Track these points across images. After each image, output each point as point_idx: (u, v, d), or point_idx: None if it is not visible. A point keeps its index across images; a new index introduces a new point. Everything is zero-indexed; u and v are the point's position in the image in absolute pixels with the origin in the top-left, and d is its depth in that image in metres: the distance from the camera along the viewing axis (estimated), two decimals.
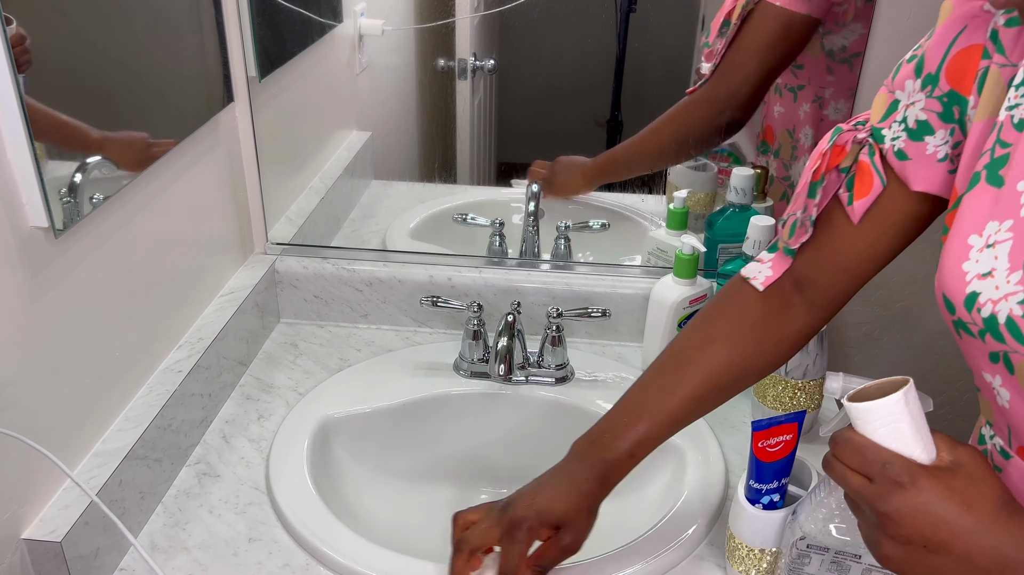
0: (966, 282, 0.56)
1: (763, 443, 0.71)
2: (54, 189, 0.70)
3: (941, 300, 0.59)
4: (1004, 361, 0.54)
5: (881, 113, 0.66)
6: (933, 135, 0.63)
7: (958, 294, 0.56)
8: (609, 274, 1.15)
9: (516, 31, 1.19)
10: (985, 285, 0.54)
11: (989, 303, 0.54)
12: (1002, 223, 0.54)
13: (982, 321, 0.54)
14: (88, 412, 0.80)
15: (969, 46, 0.59)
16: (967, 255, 0.56)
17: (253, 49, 1.04)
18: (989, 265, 0.54)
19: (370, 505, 0.95)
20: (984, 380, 0.58)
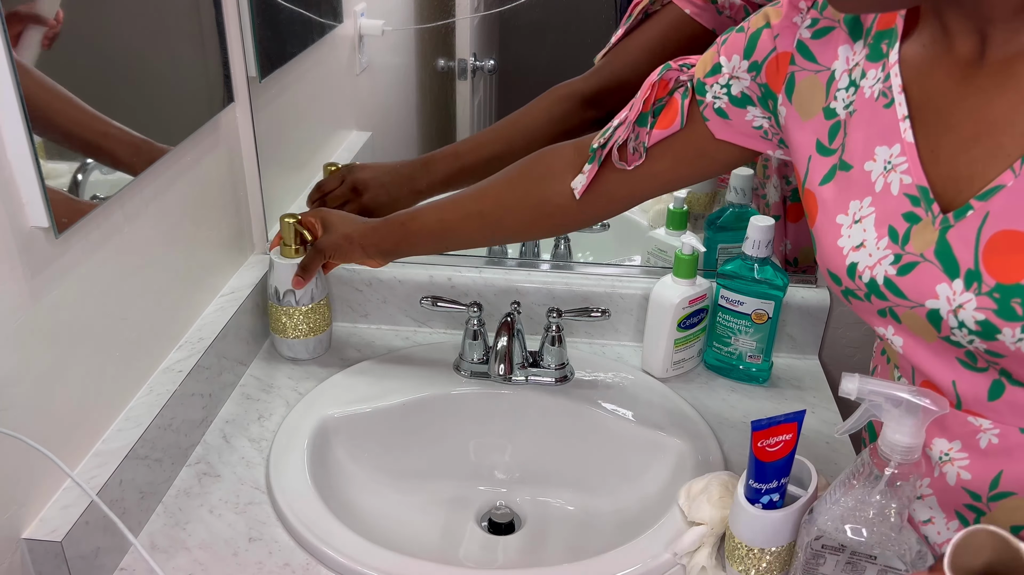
0: (844, 255, 0.64)
1: (763, 443, 0.72)
2: (55, 189, 0.70)
3: (827, 275, 0.68)
4: (891, 314, 0.63)
5: (706, 70, 0.76)
6: (755, 107, 0.74)
7: (840, 267, 0.65)
8: (609, 274, 1.15)
9: (516, 31, 1.19)
10: (860, 255, 0.63)
11: (867, 270, 0.63)
12: (862, 200, 0.64)
13: (865, 285, 0.63)
14: (88, 412, 0.80)
15: (781, 52, 0.69)
16: (840, 233, 0.65)
17: (253, 49, 1.04)
18: (860, 238, 0.63)
19: (370, 505, 0.95)
20: (879, 332, 0.67)
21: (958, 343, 0.60)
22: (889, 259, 0.61)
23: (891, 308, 0.63)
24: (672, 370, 1.08)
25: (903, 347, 0.65)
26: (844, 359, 1.16)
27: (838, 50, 0.66)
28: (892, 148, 0.62)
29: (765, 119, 0.74)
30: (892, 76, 0.62)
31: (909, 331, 0.63)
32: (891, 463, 0.63)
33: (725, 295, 1.05)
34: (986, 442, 0.63)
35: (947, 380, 0.64)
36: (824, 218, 0.67)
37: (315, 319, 1.08)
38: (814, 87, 0.68)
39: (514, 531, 0.98)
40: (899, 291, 0.61)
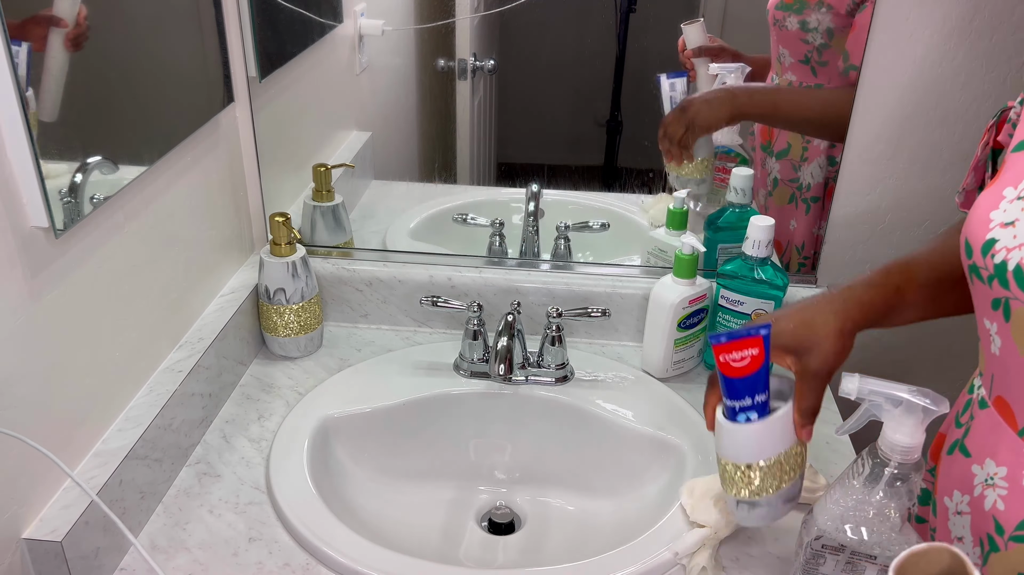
0: (988, 228, 0.58)
1: (725, 357, 0.66)
2: (54, 189, 0.70)
3: (963, 244, 0.61)
4: (1004, 308, 0.57)
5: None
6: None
7: (978, 239, 0.59)
8: (609, 274, 1.15)
9: (516, 31, 1.19)
10: (1005, 233, 0.57)
11: (1004, 250, 0.56)
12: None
13: (993, 267, 0.57)
14: (88, 412, 0.80)
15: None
16: (997, 204, 0.58)
17: (253, 49, 1.04)
18: (1014, 215, 0.57)
19: (370, 505, 0.95)
20: (984, 327, 0.61)
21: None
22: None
23: (1008, 300, 0.57)
24: (672, 370, 1.08)
25: (1000, 349, 0.60)
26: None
27: None
28: None
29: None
30: None
31: (1011, 335, 0.58)
32: (891, 463, 0.63)
33: (725, 295, 1.05)
34: None
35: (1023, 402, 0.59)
36: (996, 185, 0.61)
37: (306, 317, 1.08)
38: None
39: (514, 531, 0.98)
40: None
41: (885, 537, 0.64)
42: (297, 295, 1.07)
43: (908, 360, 1.17)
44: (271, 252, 1.05)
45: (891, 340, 1.16)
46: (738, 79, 1.08)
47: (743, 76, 1.08)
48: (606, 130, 1.26)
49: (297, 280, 1.06)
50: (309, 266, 1.08)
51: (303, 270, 1.07)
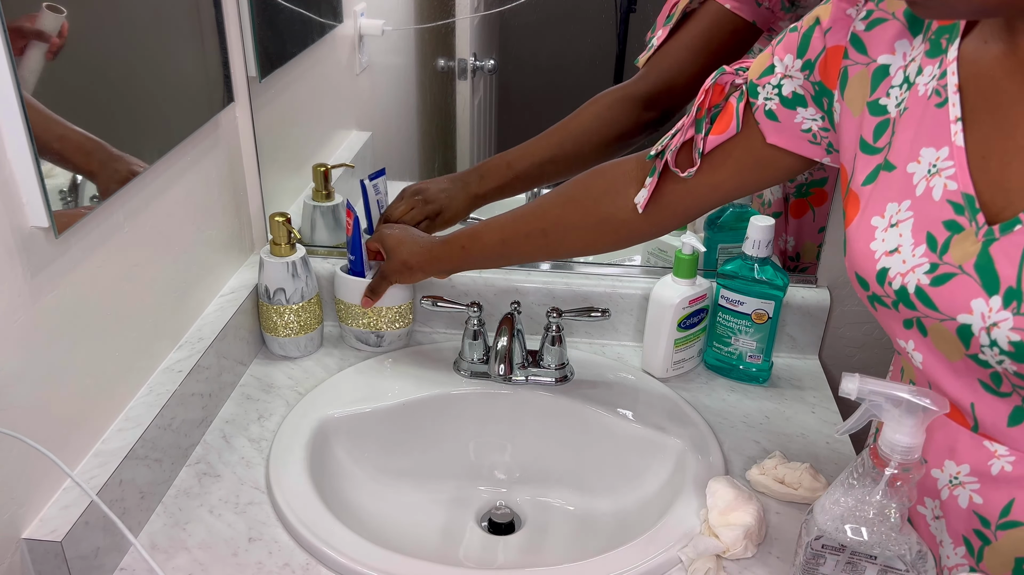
0: (875, 260, 0.61)
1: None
2: (54, 189, 0.70)
3: (854, 279, 0.64)
4: (917, 326, 0.60)
5: (759, 71, 0.73)
6: (805, 108, 0.71)
7: (869, 271, 0.62)
8: (609, 274, 1.15)
9: (516, 31, 1.19)
10: (893, 261, 0.60)
11: (898, 276, 0.59)
12: (900, 203, 0.60)
13: (894, 293, 0.60)
14: (88, 412, 0.80)
15: (835, 46, 0.67)
16: (873, 235, 0.62)
17: (253, 49, 1.04)
18: (895, 243, 0.60)
19: (370, 505, 0.95)
20: (900, 346, 0.64)
21: (985, 363, 0.57)
22: (924, 267, 0.58)
23: (919, 319, 0.60)
24: (672, 370, 1.08)
25: (923, 363, 0.62)
26: (844, 359, 1.16)
27: (894, 44, 0.63)
28: (940, 151, 0.58)
29: (815, 121, 0.71)
30: (949, 74, 0.58)
31: (932, 346, 0.60)
32: (891, 463, 0.63)
33: (725, 295, 1.05)
34: (998, 469, 0.61)
35: (966, 402, 0.61)
36: (860, 219, 0.63)
37: (306, 317, 1.08)
38: (862, 81, 0.65)
39: (514, 531, 0.98)
40: (930, 302, 0.58)
41: (885, 537, 0.64)
42: (297, 295, 1.07)
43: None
44: (271, 252, 1.06)
45: (890, 341, 1.16)
46: None
47: None
48: None
49: (297, 280, 1.06)
50: (309, 266, 1.08)
51: (303, 270, 1.07)
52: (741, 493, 0.84)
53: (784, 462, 0.91)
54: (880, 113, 0.64)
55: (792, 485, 0.88)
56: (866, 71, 0.65)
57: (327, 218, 1.18)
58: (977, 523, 0.64)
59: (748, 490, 0.86)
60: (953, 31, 0.59)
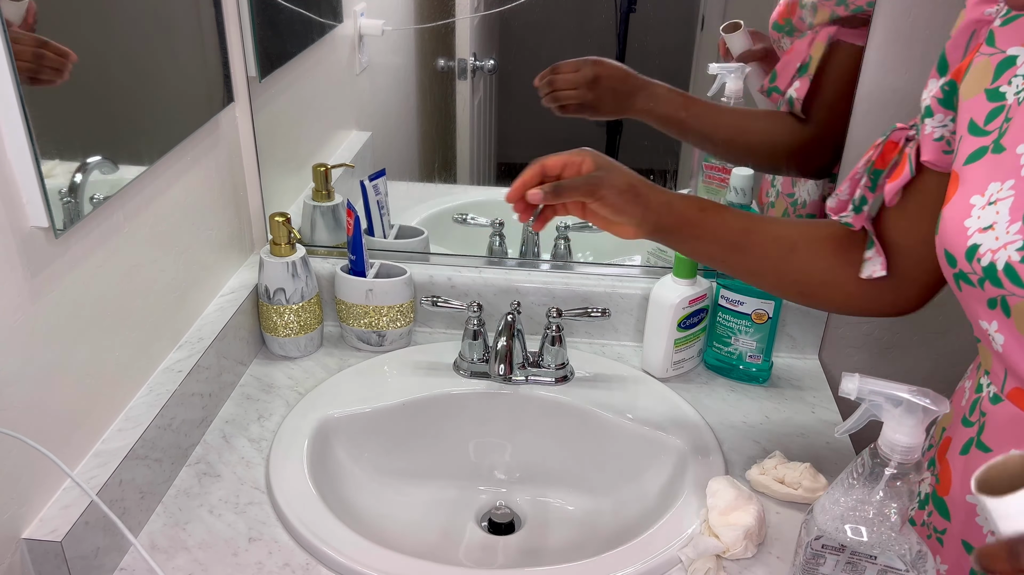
0: (967, 236, 0.61)
1: None
2: (54, 189, 0.70)
3: (942, 255, 0.64)
4: (1002, 305, 0.60)
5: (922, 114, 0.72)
6: (932, 118, 0.70)
7: (959, 247, 0.62)
8: (609, 274, 1.15)
9: (516, 31, 1.19)
10: (985, 237, 0.60)
11: (988, 253, 0.59)
12: (1004, 183, 0.60)
13: (981, 270, 0.60)
14: (88, 412, 0.80)
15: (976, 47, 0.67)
16: (969, 213, 0.62)
17: (253, 49, 1.04)
18: (990, 220, 0.60)
19: (370, 505, 0.95)
20: (981, 328, 0.63)
21: None
22: (1017, 244, 0.58)
23: (1004, 297, 0.59)
24: (672, 370, 1.08)
25: (1003, 346, 0.62)
26: (844, 359, 1.16)
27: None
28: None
29: (945, 127, 0.70)
30: None
31: (1014, 327, 0.60)
32: (891, 463, 0.63)
33: (725, 295, 1.05)
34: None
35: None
36: (959, 197, 0.63)
37: (306, 317, 1.08)
38: (984, 69, 0.65)
39: (514, 531, 0.98)
40: (1018, 279, 0.58)
41: (885, 537, 0.64)
42: (297, 295, 1.07)
43: (908, 360, 1.17)
44: (271, 252, 1.06)
45: (891, 340, 1.16)
46: (738, 80, 1.08)
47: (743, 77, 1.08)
48: (606, 130, 1.26)
49: (297, 280, 1.06)
50: (309, 266, 1.08)
51: (303, 270, 1.07)
52: (741, 493, 0.84)
53: (784, 462, 0.91)
54: (997, 99, 0.64)
55: (792, 485, 0.88)
56: (989, 61, 0.65)
57: (327, 218, 1.18)
58: None
59: (748, 490, 0.86)
60: None
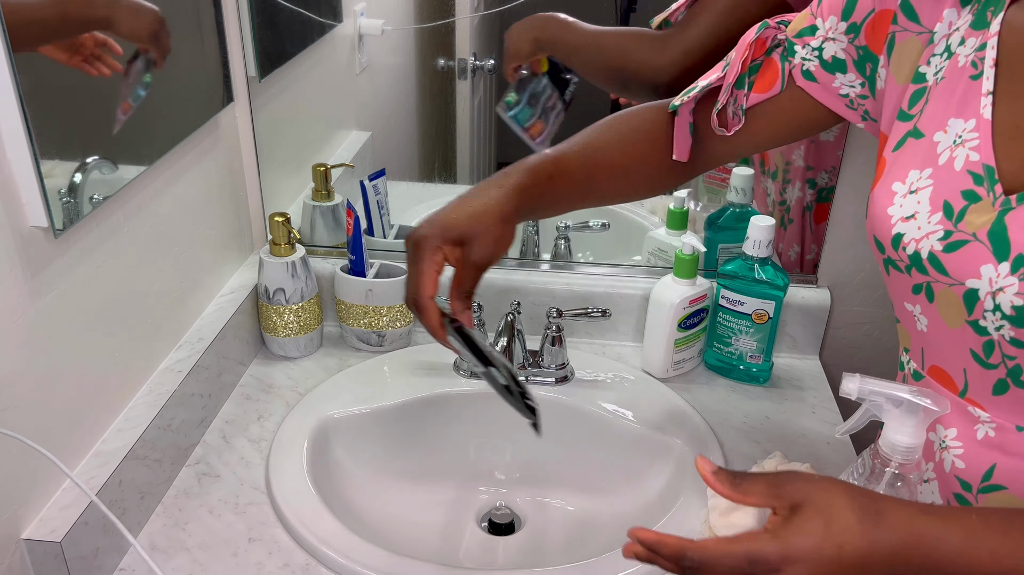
0: (891, 224, 0.63)
1: None
2: (54, 189, 0.70)
3: (872, 241, 0.66)
4: (926, 291, 0.63)
5: (797, 29, 0.74)
6: (845, 74, 0.71)
7: (886, 235, 0.64)
8: (609, 274, 1.15)
9: None
10: (908, 227, 0.62)
11: (913, 242, 0.62)
12: (923, 171, 0.62)
13: (907, 257, 0.62)
14: (88, 412, 0.80)
15: (883, 10, 0.67)
16: (892, 201, 0.64)
17: (253, 49, 1.04)
18: (912, 209, 0.62)
19: (370, 505, 0.95)
20: (905, 310, 0.66)
21: (983, 330, 0.60)
22: (938, 234, 0.60)
23: (928, 284, 0.62)
24: (672, 370, 1.08)
25: (927, 327, 0.65)
26: (844, 359, 1.16)
27: (943, 12, 0.64)
28: (967, 122, 0.60)
29: (852, 87, 0.72)
30: (988, 47, 0.60)
31: (936, 312, 0.63)
32: (892, 463, 0.63)
33: (725, 295, 1.05)
34: (983, 434, 0.63)
35: (959, 368, 0.64)
36: (882, 184, 0.65)
37: (305, 317, 1.08)
38: (912, 49, 0.66)
39: (514, 532, 0.98)
40: (942, 267, 0.60)
41: None
42: (297, 295, 1.07)
43: None
44: (271, 252, 1.05)
45: (891, 341, 1.16)
46: None
47: None
48: None
49: (296, 280, 1.06)
50: (309, 266, 1.08)
51: (303, 270, 1.06)
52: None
53: (784, 462, 0.91)
54: (919, 80, 0.65)
55: None
56: (917, 40, 0.65)
57: (327, 218, 1.18)
58: (959, 487, 0.66)
59: None
60: (998, 4, 0.60)
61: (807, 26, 0.72)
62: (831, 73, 0.72)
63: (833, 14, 0.70)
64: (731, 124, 0.77)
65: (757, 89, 0.76)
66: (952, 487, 0.66)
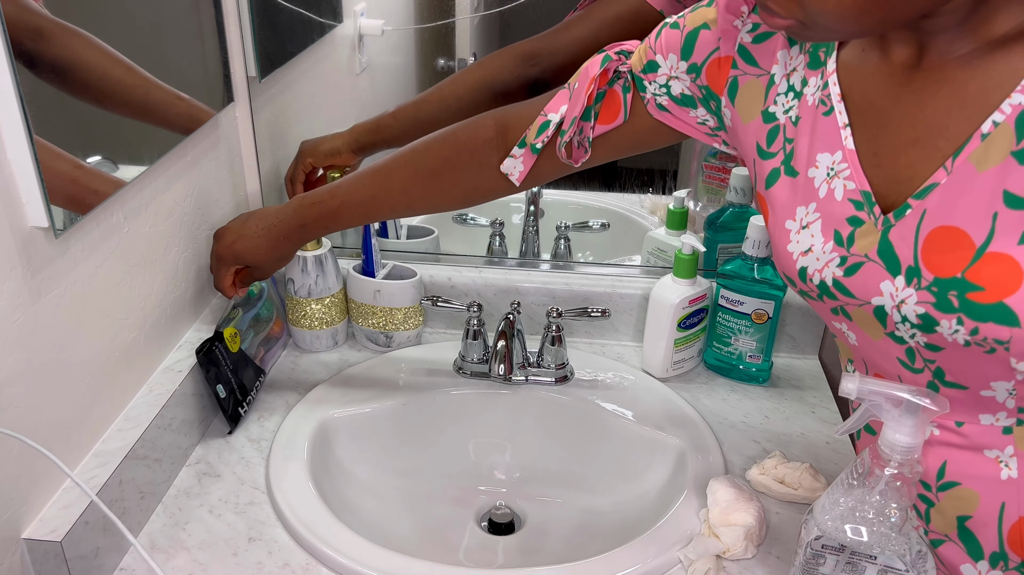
0: (794, 261, 0.67)
1: None
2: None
3: (784, 277, 0.70)
4: (843, 312, 0.66)
5: (641, 66, 0.77)
6: (696, 109, 0.75)
7: (792, 271, 0.68)
8: (609, 274, 1.15)
9: (516, 31, 1.19)
10: (808, 260, 0.66)
11: (816, 272, 0.65)
12: (808, 206, 0.66)
13: (816, 287, 0.66)
14: (88, 412, 0.80)
15: (721, 57, 0.71)
16: (788, 238, 0.68)
17: (253, 49, 1.04)
18: (808, 243, 0.66)
19: (370, 505, 0.95)
20: (835, 327, 0.69)
21: (901, 339, 0.62)
22: (836, 261, 0.64)
23: (842, 307, 0.65)
24: (672, 370, 1.08)
25: (857, 340, 0.68)
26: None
27: (777, 55, 0.68)
28: (834, 155, 0.64)
29: (707, 121, 0.75)
30: (831, 84, 0.64)
31: (860, 328, 0.66)
32: (891, 463, 0.63)
33: (725, 295, 1.05)
34: (928, 433, 0.65)
35: (894, 375, 0.66)
36: (774, 222, 0.69)
37: (312, 312, 1.09)
38: (755, 91, 0.70)
39: (514, 531, 0.98)
40: (847, 290, 0.64)
41: (885, 537, 0.64)
42: (304, 290, 1.07)
43: None
44: None
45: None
46: None
47: None
48: None
49: (306, 276, 1.07)
50: (325, 266, 1.07)
51: (315, 268, 1.06)
52: (742, 493, 0.84)
53: (784, 462, 0.91)
54: (770, 120, 0.69)
55: (792, 485, 0.88)
56: (759, 82, 0.69)
57: None
58: (920, 488, 0.68)
59: (749, 490, 0.86)
60: (829, 45, 0.65)
61: (648, 61, 0.75)
62: (683, 107, 0.76)
63: (672, 52, 0.74)
64: (577, 155, 0.80)
65: (602, 121, 0.79)
66: (918, 488, 0.68)
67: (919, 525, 0.69)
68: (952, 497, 0.66)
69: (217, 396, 0.94)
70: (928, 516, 0.69)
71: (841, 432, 0.67)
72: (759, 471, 0.90)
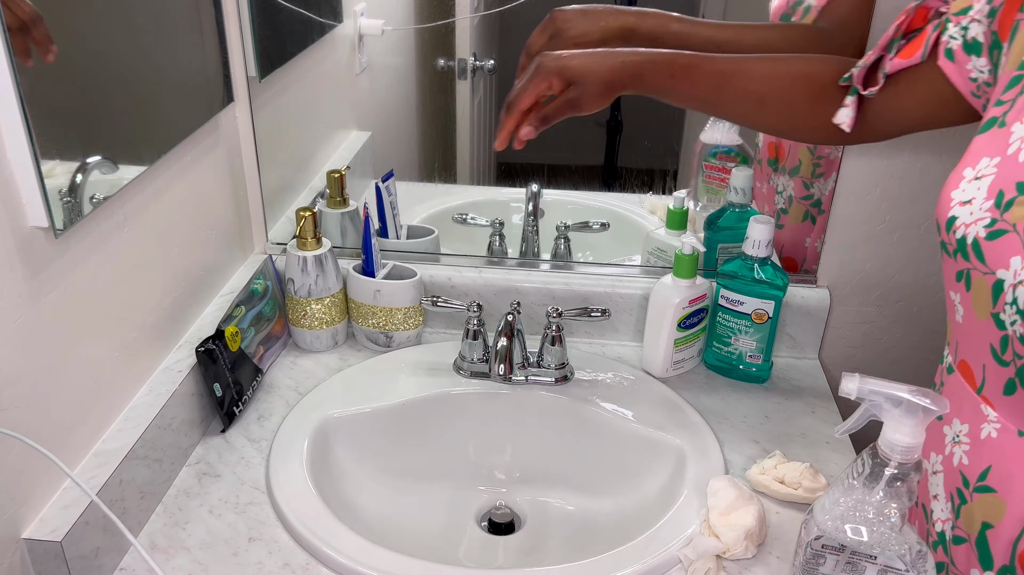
0: (950, 207, 0.64)
1: None
2: (54, 189, 0.70)
3: (935, 222, 0.67)
4: (966, 279, 0.63)
5: (959, 7, 0.72)
6: (979, 58, 0.71)
7: (943, 217, 0.65)
8: (609, 274, 1.15)
9: (516, 31, 1.19)
10: (963, 211, 0.63)
11: (962, 226, 0.63)
12: (992, 159, 0.63)
13: (955, 241, 0.63)
14: (88, 412, 0.80)
15: None
16: (958, 185, 0.65)
17: (253, 49, 1.04)
18: (971, 194, 0.63)
19: (370, 505, 0.95)
20: (950, 299, 0.67)
21: (1002, 323, 0.60)
22: (985, 221, 0.61)
23: (968, 271, 0.63)
24: (672, 370, 1.08)
25: (963, 317, 0.65)
26: (844, 359, 1.16)
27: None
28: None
29: (982, 73, 0.71)
30: None
31: (972, 303, 0.64)
32: (891, 463, 0.63)
33: (725, 295, 1.05)
34: (986, 434, 0.64)
35: (979, 363, 0.65)
36: (957, 168, 0.66)
37: (311, 312, 1.09)
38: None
39: (514, 531, 0.98)
40: (981, 254, 0.61)
41: (885, 537, 0.64)
42: (304, 290, 1.07)
43: (908, 360, 1.17)
44: (297, 246, 1.08)
45: (891, 341, 1.16)
46: None
47: None
48: (606, 130, 1.26)
49: (305, 276, 1.07)
50: (325, 267, 1.08)
51: (314, 268, 1.07)
52: (742, 493, 0.84)
53: (784, 462, 0.91)
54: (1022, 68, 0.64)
55: (792, 485, 0.88)
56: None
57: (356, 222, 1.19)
58: (959, 481, 0.67)
59: (748, 490, 0.86)
60: None
61: (967, 6, 0.72)
62: (968, 55, 0.71)
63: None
64: (869, 85, 0.77)
65: (901, 55, 0.75)
66: (955, 482, 0.67)
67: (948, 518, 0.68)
68: (983, 502, 0.65)
69: (214, 394, 0.94)
70: (958, 511, 0.67)
71: (841, 432, 0.67)
72: (759, 471, 0.90)
